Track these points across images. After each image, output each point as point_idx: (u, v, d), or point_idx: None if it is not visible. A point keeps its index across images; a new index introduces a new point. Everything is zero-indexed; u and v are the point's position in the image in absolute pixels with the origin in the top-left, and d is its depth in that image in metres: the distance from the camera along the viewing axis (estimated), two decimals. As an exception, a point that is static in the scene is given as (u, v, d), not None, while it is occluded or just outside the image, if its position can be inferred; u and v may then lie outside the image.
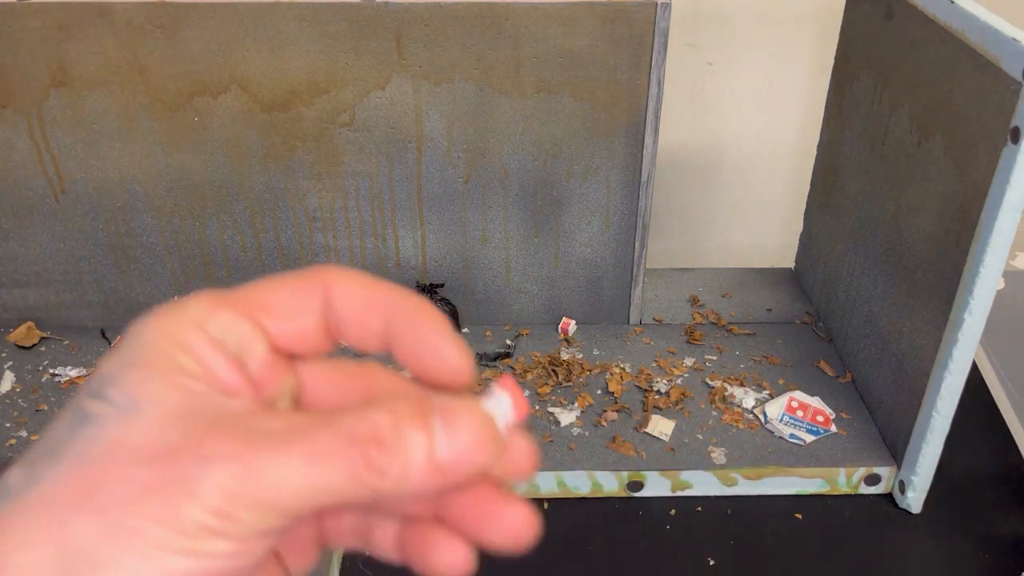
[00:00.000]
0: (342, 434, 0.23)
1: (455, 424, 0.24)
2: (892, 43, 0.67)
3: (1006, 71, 0.52)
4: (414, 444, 0.23)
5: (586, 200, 0.76)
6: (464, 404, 0.25)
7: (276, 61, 0.68)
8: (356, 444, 0.23)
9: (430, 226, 0.77)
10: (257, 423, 0.23)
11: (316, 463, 0.23)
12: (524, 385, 0.75)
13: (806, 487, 0.69)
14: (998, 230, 0.54)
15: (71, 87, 0.69)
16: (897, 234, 0.67)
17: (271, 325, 0.26)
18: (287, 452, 0.22)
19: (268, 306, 0.26)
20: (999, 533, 0.67)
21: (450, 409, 0.24)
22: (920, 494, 0.67)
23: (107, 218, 0.75)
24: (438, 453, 0.24)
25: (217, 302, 0.26)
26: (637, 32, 0.68)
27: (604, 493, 0.69)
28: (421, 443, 0.23)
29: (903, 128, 0.65)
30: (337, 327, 0.27)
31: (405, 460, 0.23)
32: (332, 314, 0.27)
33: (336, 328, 0.27)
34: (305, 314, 0.26)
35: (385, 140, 0.72)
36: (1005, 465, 0.73)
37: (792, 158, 1.01)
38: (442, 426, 0.24)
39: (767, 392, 0.75)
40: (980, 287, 0.57)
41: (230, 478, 0.22)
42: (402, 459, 0.23)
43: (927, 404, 0.63)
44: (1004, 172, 0.53)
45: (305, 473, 0.22)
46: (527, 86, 0.70)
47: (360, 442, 0.23)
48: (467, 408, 0.25)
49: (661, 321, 0.84)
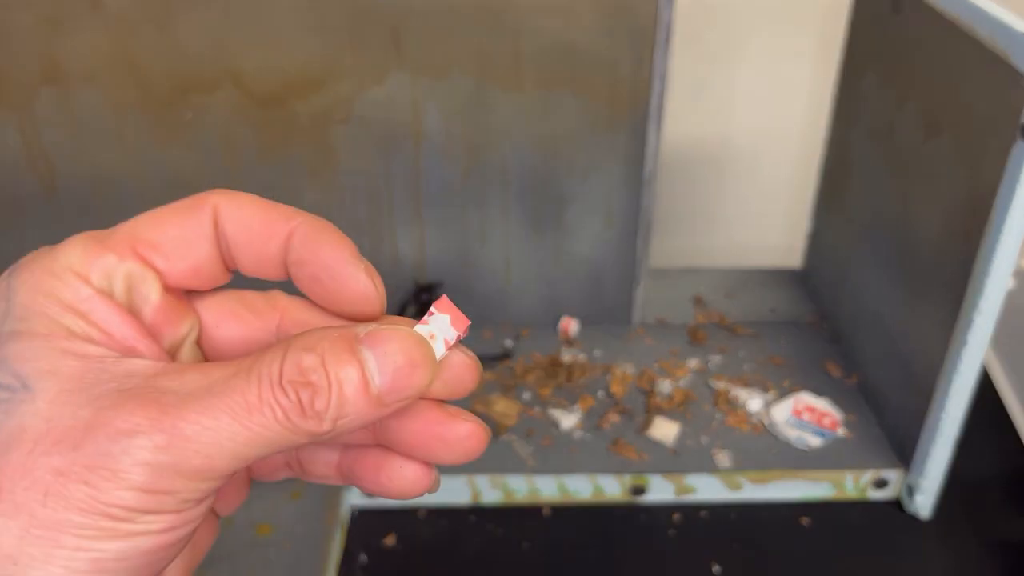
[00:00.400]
0: (268, 382, 0.21)
1: (385, 350, 0.22)
2: (900, 38, 0.66)
3: (1016, 66, 0.51)
4: (347, 380, 0.22)
5: (587, 198, 0.75)
6: (390, 328, 0.23)
7: (270, 55, 0.67)
8: (285, 391, 0.21)
9: (428, 224, 0.76)
10: (170, 383, 0.21)
11: (246, 418, 0.21)
12: (524, 386, 0.74)
13: (813, 491, 0.68)
14: (1008, 229, 0.53)
15: (62, 82, 0.68)
16: (905, 233, 0.66)
17: (160, 263, 0.24)
18: (212, 412, 0.21)
19: (154, 242, 0.24)
20: (1010, 538, 0.66)
21: (377, 336, 0.23)
22: (929, 498, 0.66)
23: (99, 215, 0.74)
24: (373, 384, 0.22)
25: (96, 245, 0.23)
26: (640, 26, 0.66)
27: (606, 497, 0.68)
28: (354, 377, 0.22)
29: (911, 125, 0.64)
30: (231, 255, 0.25)
31: (340, 398, 0.22)
32: (224, 241, 0.24)
33: (230, 256, 0.25)
34: (197, 246, 0.24)
35: (382, 136, 0.71)
36: (1016, 468, 0.72)
37: (798, 155, 1.00)
38: (372, 355, 0.22)
39: (772, 394, 0.74)
40: (990, 287, 0.56)
41: (154, 452, 0.20)
42: (337, 398, 0.22)
43: (936, 406, 0.62)
44: (1014, 169, 0.52)
45: (236, 431, 0.21)
46: (527, 81, 0.69)
47: (290, 388, 0.21)
48: (394, 331, 0.23)
49: (664, 321, 0.83)
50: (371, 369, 0.22)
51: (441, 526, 0.66)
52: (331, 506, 0.65)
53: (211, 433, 0.21)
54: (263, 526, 0.63)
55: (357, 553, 0.64)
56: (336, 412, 0.22)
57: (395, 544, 0.65)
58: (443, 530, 0.66)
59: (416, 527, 0.66)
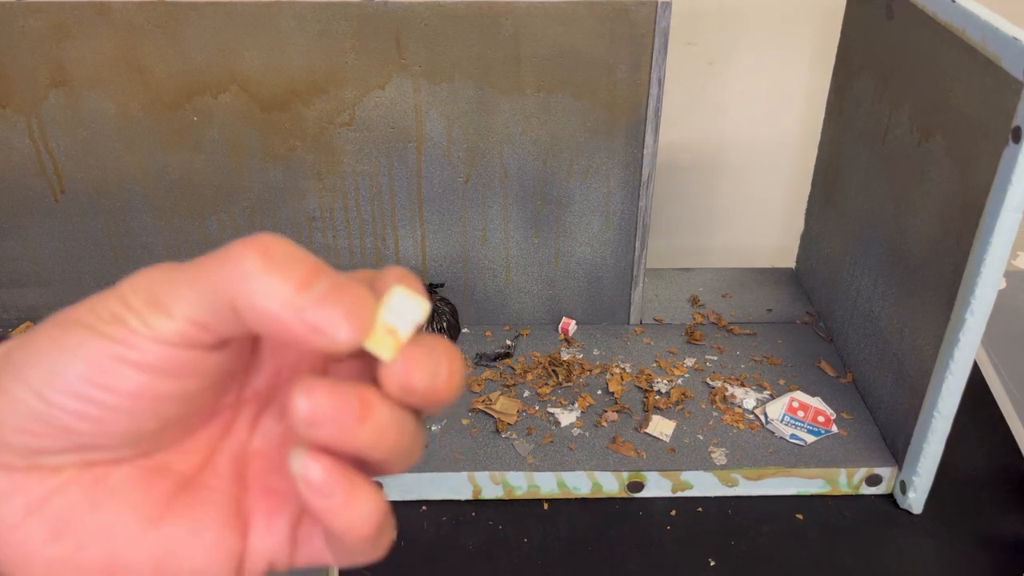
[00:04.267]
0: None
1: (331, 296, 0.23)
2: (893, 42, 0.67)
3: (1007, 70, 0.52)
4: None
5: (586, 200, 0.76)
6: None
7: (275, 60, 0.68)
8: None
9: (430, 226, 0.77)
10: None
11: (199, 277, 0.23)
12: (524, 385, 0.75)
13: (807, 488, 0.69)
14: (999, 230, 0.54)
15: (70, 87, 0.68)
16: (898, 234, 0.67)
17: None
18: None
19: None
20: (1001, 533, 0.67)
21: None
22: (921, 494, 0.67)
23: (106, 218, 0.75)
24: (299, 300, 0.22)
25: None
26: (638, 31, 0.67)
27: (604, 494, 0.69)
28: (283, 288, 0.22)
29: (904, 128, 0.65)
30: None
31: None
32: None
33: None
34: None
35: (385, 140, 0.72)
36: (1006, 465, 0.73)
37: (793, 158, 1.01)
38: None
39: (768, 392, 0.75)
40: (981, 287, 0.56)
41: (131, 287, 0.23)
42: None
43: (928, 404, 0.63)
44: (1005, 172, 0.53)
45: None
46: (527, 85, 0.70)
47: None
48: None
49: (661, 321, 0.84)
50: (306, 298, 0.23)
51: (442, 521, 0.67)
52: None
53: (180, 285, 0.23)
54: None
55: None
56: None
57: (395, 539, 0.65)
58: (444, 525, 0.67)
59: (417, 522, 0.67)
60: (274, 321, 0.22)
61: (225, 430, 0.27)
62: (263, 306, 0.22)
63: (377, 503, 0.25)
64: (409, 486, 0.68)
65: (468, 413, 0.73)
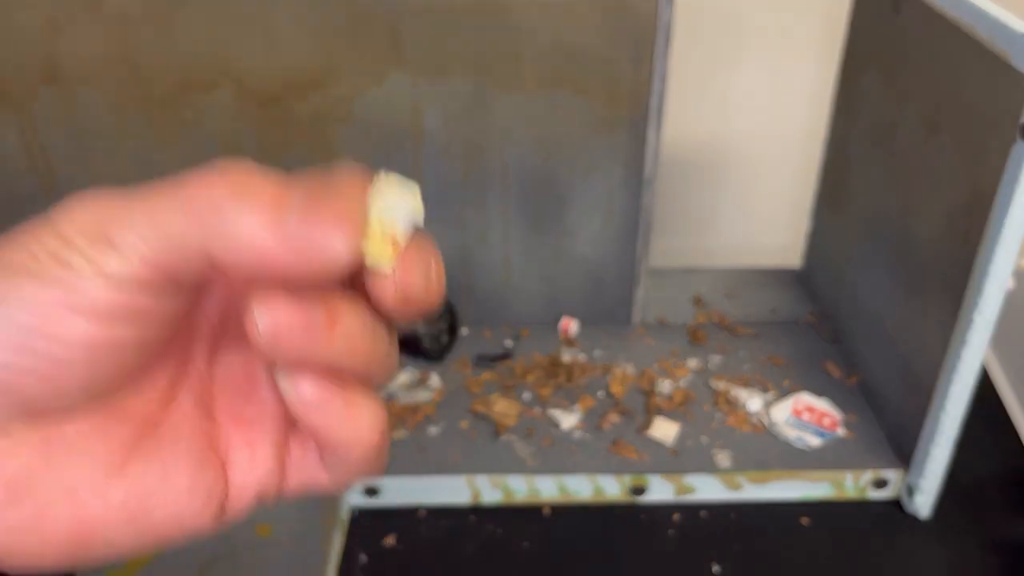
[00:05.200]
0: None
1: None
2: (900, 38, 0.66)
3: (1016, 67, 0.51)
4: None
5: (587, 198, 0.75)
6: None
7: (270, 55, 0.67)
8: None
9: (428, 224, 0.75)
10: None
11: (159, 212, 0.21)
12: (524, 386, 0.74)
13: (812, 491, 0.68)
14: (1008, 228, 0.53)
15: (61, 82, 0.68)
16: (905, 232, 0.66)
17: None
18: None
19: None
20: (1010, 538, 0.66)
21: None
22: (929, 498, 0.66)
23: (100, 216, 0.74)
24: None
25: None
26: (640, 26, 0.66)
27: (606, 497, 0.68)
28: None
29: (911, 124, 0.64)
30: None
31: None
32: None
33: None
34: None
35: (382, 136, 0.71)
36: (1015, 468, 0.72)
37: (798, 155, 1.00)
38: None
39: (772, 394, 0.74)
40: (990, 286, 0.56)
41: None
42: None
43: (936, 406, 0.62)
44: (1014, 169, 0.52)
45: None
46: (527, 81, 0.69)
47: None
48: None
49: (664, 321, 0.83)
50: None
51: (441, 526, 0.66)
52: (331, 506, 0.65)
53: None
54: (263, 526, 0.63)
55: (357, 553, 0.64)
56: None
57: (395, 544, 0.65)
58: (443, 530, 0.66)
59: (416, 527, 0.66)
60: (258, 252, 0.20)
61: (182, 364, 0.25)
62: (243, 237, 0.20)
63: (378, 408, 0.23)
64: (406, 491, 0.67)
65: (467, 415, 0.72)
